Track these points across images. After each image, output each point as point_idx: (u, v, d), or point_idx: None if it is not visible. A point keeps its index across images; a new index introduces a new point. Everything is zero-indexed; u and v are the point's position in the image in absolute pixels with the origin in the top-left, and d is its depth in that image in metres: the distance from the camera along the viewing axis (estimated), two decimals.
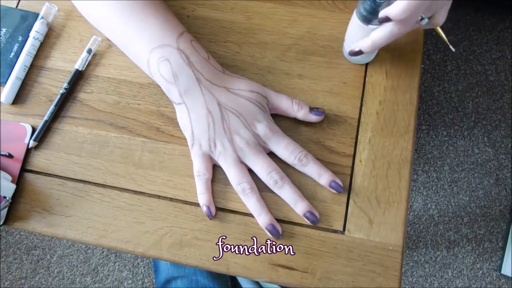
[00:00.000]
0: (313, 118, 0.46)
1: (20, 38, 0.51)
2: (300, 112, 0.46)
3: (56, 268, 1.16)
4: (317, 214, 0.44)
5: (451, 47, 0.46)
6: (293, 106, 0.46)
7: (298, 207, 0.44)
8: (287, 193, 0.44)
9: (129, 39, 0.45)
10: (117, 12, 0.45)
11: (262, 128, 0.44)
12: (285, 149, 0.44)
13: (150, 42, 0.44)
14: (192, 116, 0.44)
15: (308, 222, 0.44)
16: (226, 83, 0.45)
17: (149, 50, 0.44)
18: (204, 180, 0.45)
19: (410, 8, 0.36)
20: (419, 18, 0.39)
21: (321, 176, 0.44)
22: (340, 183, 0.44)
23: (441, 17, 0.41)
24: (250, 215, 0.45)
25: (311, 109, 0.46)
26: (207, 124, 0.44)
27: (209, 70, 0.45)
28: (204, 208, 0.44)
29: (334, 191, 0.44)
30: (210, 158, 0.45)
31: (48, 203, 0.46)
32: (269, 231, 0.43)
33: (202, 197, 0.45)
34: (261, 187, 0.45)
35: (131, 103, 0.49)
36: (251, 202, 0.44)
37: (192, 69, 0.44)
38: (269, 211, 0.44)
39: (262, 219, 0.44)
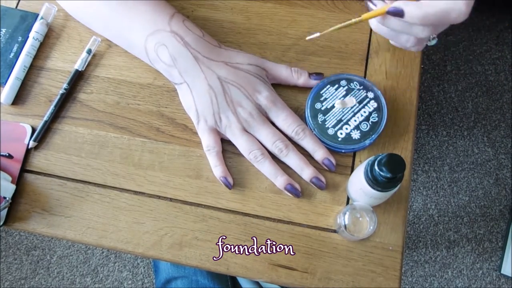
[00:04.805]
0: (313, 82, 0.46)
1: (19, 39, 0.51)
2: (301, 79, 0.47)
3: (56, 268, 1.16)
4: (323, 179, 0.44)
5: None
6: (293, 74, 0.47)
7: (305, 173, 0.44)
8: (292, 160, 0.45)
9: (122, 30, 0.46)
10: (106, 3, 0.45)
11: (263, 98, 0.45)
12: (284, 121, 0.45)
13: (143, 29, 0.44)
14: (194, 94, 0.45)
15: (315, 187, 0.45)
16: (224, 57, 0.46)
17: (144, 38, 0.44)
18: (215, 153, 0.45)
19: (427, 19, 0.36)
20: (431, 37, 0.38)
21: (316, 152, 0.45)
22: (333, 160, 0.45)
23: None
24: (250, 215, 0.45)
25: (310, 74, 0.47)
26: (210, 99, 0.44)
27: (205, 47, 0.45)
28: (222, 179, 0.45)
29: (327, 169, 0.45)
30: (217, 132, 0.46)
31: (48, 204, 0.46)
32: (288, 190, 0.44)
33: (217, 169, 0.45)
34: (258, 187, 0.45)
35: (131, 104, 0.49)
36: (265, 167, 0.45)
37: (189, 48, 0.44)
38: (284, 173, 0.44)
39: (279, 181, 0.44)
